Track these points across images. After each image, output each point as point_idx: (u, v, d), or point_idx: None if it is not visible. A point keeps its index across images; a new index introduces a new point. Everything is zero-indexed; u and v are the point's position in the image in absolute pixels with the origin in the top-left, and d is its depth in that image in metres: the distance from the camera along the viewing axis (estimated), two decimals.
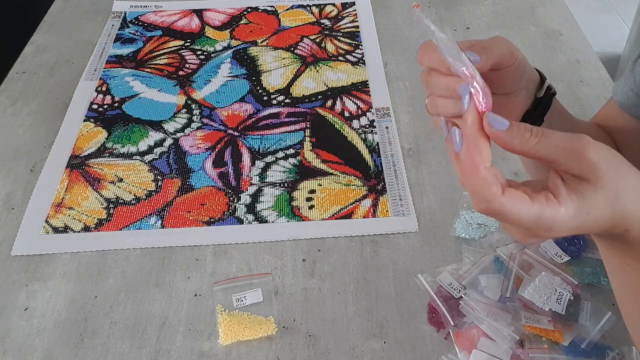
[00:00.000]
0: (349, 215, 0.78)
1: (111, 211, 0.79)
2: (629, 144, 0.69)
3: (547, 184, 0.42)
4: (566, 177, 0.41)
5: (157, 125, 0.92)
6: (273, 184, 0.82)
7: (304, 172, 0.84)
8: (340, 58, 1.04)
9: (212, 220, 0.78)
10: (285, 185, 0.82)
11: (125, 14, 1.15)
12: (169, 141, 0.89)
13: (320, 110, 0.94)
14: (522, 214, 0.39)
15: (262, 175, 0.84)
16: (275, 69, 1.02)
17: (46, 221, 0.78)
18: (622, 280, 0.48)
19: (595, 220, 0.41)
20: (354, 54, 1.04)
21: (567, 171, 0.41)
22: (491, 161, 0.41)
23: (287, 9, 1.16)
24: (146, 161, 0.86)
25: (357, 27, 1.11)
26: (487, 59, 0.46)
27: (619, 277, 0.48)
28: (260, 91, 0.97)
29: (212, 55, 1.05)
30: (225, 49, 1.06)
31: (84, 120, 0.92)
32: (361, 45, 1.06)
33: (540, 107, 0.56)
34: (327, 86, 0.98)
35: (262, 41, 1.08)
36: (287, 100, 0.96)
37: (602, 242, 0.47)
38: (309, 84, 0.99)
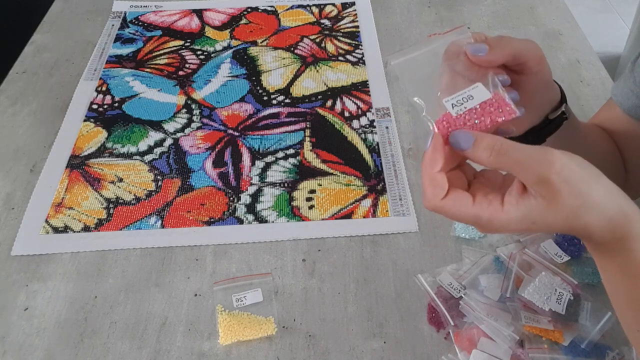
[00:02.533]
0: (349, 215, 0.78)
1: (111, 211, 0.79)
2: (628, 144, 0.69)
3: (506, 186, 0.45)
4: (527, 185, 0.43)
5: (157, 125, 0.92)
6: (273, 184, 0.82)
7: (304, 172, 0.84)
8: (340, 58, 1.04)
9: (212, 220, 0.78)
10: (285, 185, 0.82)
11: (125, 14, 1.15)
12: (169, 141, 0.89)
13: (320, 110, 0.94)
14: (461, 214, 0.44)
15: (262, 175, 0.84)
16: (275, 69, 1.02)
17: (46, 221, 0.78)
18: (611, 289, 0.49)
19: (546, 228, 0.44)
20: (354, 54, 1.04)
21: (527, 188, 0.43)
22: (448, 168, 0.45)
23: (287, 9, 1.16)
24: (146, 161, 0.86)
25: (357, 27, 1.11)
26: (500, 52, 0.48)
27: (608, 286, 0.49)
28: (260, 91, 0.97)
29: (212, 55, 1.05)
30: (225, 49, 1.06)
31: (84, 120, 0.92)
32: (361, 45, 1.06)
33: (546, 129, 0.57)
34: (327, 86, 0.98)
35: (262, 41, 1.08)
36: (287, 100, 0.96)
37: (586, 245, 0.48)
38: (309, 84, 0.99)
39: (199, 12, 1.15)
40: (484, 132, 0.45)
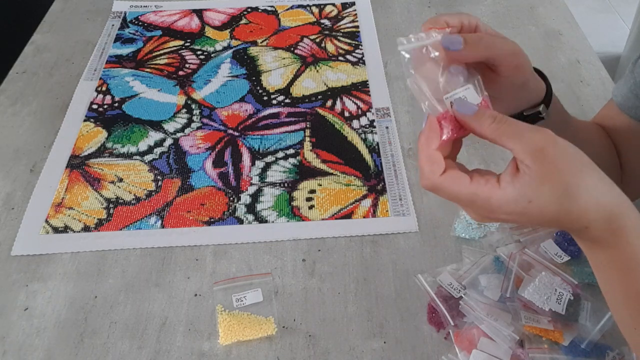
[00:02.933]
0: (349, 215, 0.78)
1: (111, 211, 0.79)
2: (628, 145, 0.69)
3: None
4: (521, 166, 0.43)
5: (157, 125, 0.92)
6: (273, 184, 0.82)
7: (304, 172, 0.84)
8: (340, 58, 1.04)
9: (212, 220, 0.78)
10: (285, 185, 0.82)
11: (125, 14, 1.15)
12: (169, 141, 0.89)
13: (320, 110, 0.94)
14: (459, 191, 0.44)
15: (262, 175, 0.84)
16: (275, 69, 1.02)
17: (46, 221, 0.78)
18: (606, 282, 0.48)
19: (541, 211, 0.43)
20: (354, 54, 1.04)
21: (522, 161, 0.43)
22: (447, 152, 0.46)
23: (287, 9, 1.16)
24: (146, 161, 0.86)
25: (357, 27, 1.11)
26: (474, 51, 0.49)
27: (601, 281, 0.49)
28: (260, 91, 0.97)
29: (212, 55, 1.05)
30: (225, 49, 1.06)
31: (84, 120, 0.92)
32: (361, 45, 1.06)
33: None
34: (327, 86, 0.98)
35: (262, 41, 1.08)
36: (287, 100, 0.96)
37: (580, 244, 0.48)
38: (309, 84, 0.99)
39: (199, 12, 1.15)
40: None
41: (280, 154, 0.87)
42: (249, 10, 1.16)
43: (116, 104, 0.95)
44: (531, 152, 0.42)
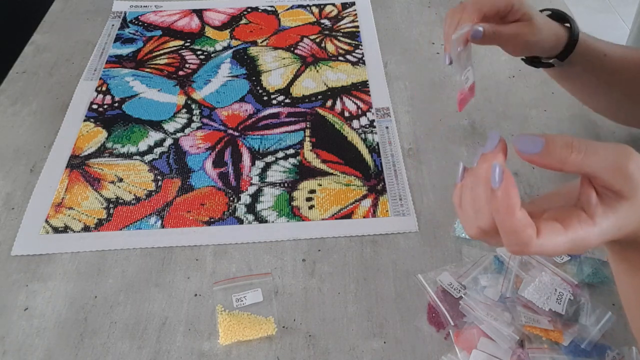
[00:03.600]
0: (349, 215, 0.78)
1: (111, 211, 0.79)
2: None
3: (580, 198, 0.40)
4: (602, 190, 0.39)
5: (157, 125, 0.92)
6: (273, 184, 0.82)
7: (304, 172, 0.84)
8: (340, 58, 1.04)
9: (212, 220, 0.78)
10: (285, 185, 0.82)
11: (125, 14, 1.15)
12: (169, 141, 0.89)
13: (320, 110, 0.94)
14: (559, 246, 0.38)
15: (262, 175, 0.84)
16: (275, 69, 1.02)
17: (46, 221, 0.78)
18: (629, 284, 0.47)
19: (623, 234, 0.40)
20: (354, 54, 1.04)
21: (608, 187, 0.39)
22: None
23: (287, 9, 1.16)
24: (146, 161, 0.86)
25: (357, 27, 1.11)
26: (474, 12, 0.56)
27: (627, 281, 0.47)
28: (260, 91, 0.97)
29: (212, 55, 1.05)
30: (225, 49, 1.06)
31: (84, 120, 0.92)
32: (361, 45, 1.06)
33: (537, 63, 0.65)
34: (327, 86, 0.98)
35: (262, 41, 1.08)
36: (287, 100, 0.96)
37: (614, 246, 0.45)
38: (309, 84, 0.99)
39: (199, 12, 1.15)
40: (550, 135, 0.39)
41: (280, 154, 0.87)
42: (249, 10, 1.16)
43: (116, 104, 0.95)
44: (612, 175, 0.38)
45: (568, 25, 0.67)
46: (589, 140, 0.39)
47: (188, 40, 1.08)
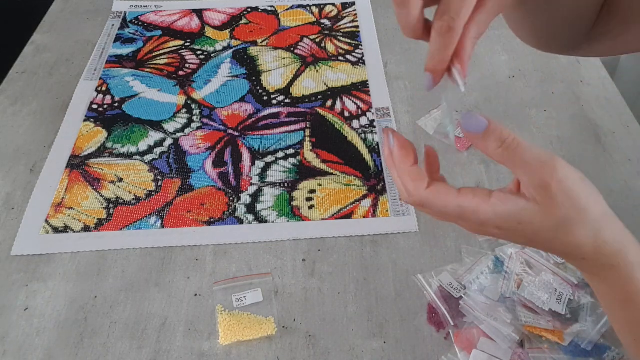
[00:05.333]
0: (349, 215, 0.78)
1: (111, 211, 0.79)
2: None
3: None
4: (524, 191, 0.42)
5: (157, 125, 0.92)
6: (273, 184, 0.82)
7: (304, 172, 0.84)
8: (340, 58, 1.04)
9: (212, 220, 0.78)
10: (285, 185, 0.82)
11: (125, 14, 1.15)
12: (169, 141, 0.89)
13: (320, 110, 0.94)
14: (446, 205, 0.42)
15: (262, 175, 0.84)
16: (275, 69, 1.02)
17: (46, 221, 0.78)
18: (606, 309, 0.48)
19: (534, 235, 0.42)
20: (354, 54, 1.04)
21: (526, 189, 0.42)
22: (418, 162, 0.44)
23: (287, 9, 1.16)
24: (146, 161, 0.86)
25: (357, 27, 1.11)
26: None
27: (603, 305, 0.48)
28: (260, 91, 0.97)
29: (212, 55, 1.05)
30: (225, 49, 1.06)
31: (84, 120, 0.92)
32: (361, 45, 1.06)
33: None
34: (327, 86, 0.98)
35: (262, 41, 1.08)
36: (287, 100, 0.96)
37: (579, 268, 0.47)
38: (309, 84, 0.99)
39: (199, 12, 1.15)
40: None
41: (280, 154, 0.87)
42: (249, 10, 1.16)
43: (116, 104, 0.95)
44: (536, 185, 0.41)
45: None
46: (525, 143, 0.41)
47: (188, 40, 1.08)
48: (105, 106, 0.95)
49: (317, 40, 1.08)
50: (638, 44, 0.59)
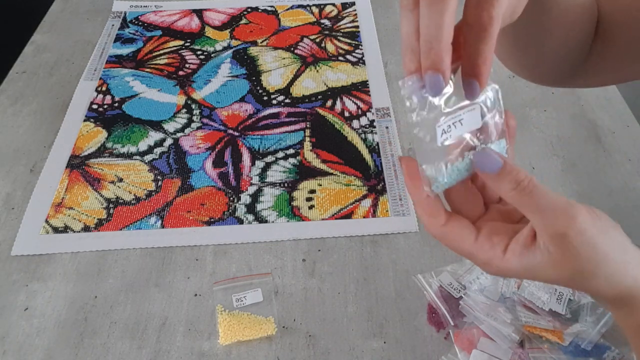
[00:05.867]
0: (349, 215, 0.78)
1: (111, 211, 0.79)
2: (620, 26, 0.57)
3: (517, 230, 0.40)
4: (538, 239, 0.39)
5: (157, 125, 0.92)
6: (273, 184, 0.82)
7: (304, 172, 0.84)
8: (340, 58, 1.04)
9: (212, 220, 0.78)
10: (285, 185, 0.82)
11: (125, 14, 1.15)
12: (169, 141, 0.89)
13: (320, 110, 0.94)
14: (459, 247, 0.41)
15: (262, 175, 0.84)
16: (275, 69, 1.02)
17: (46, 221, 0.78)
18: (632, 341, 0.45)
19: (546, 282, 0.41)
20: (354, 54, 1.04)
21: (540, 237, 0.39)
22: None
23: (287, 9, 1.16)
24: (146, 161, 0.86)
25: (357, 27, 1.11)
26: None
27: (628, 337, 0.45)
28: (260, 91, 0.97)
29: (212, 55, 1.05)
30: (225, 49, 1.06)
31: (84, 120, 0.92)
32: (361, 45, 1.06)
33: None
34: (327, 86, 0.98)
35: (262, 41, 1.08)
36: (287, 100, 0.96)
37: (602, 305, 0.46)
38: (309, 84, 0.99)
39: (199, 12, 1.15)
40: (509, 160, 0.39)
41: (280, 154, 0.87)
42: (249, 10, 1.16)
43: (116, 104, 0.95)
44: (551, 234, 0.38)
45: None
46: (543, 188, 0.38)
47: (188, 40, 1.08)
48: (105, 106, 0.95)
49: (317, 40, 1.08)
50: (635, 75, 0.57)
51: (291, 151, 0.87)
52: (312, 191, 0.81)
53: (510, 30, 0.52)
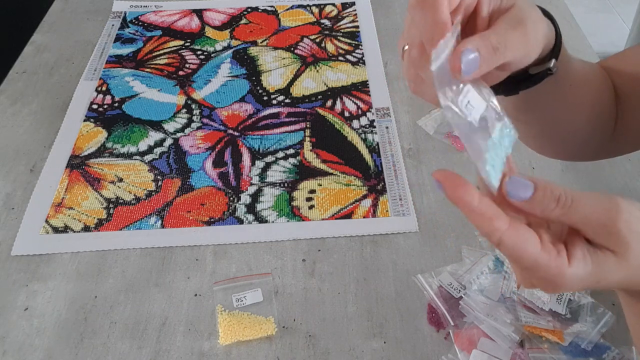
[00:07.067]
0: (349, 215, 0.78)
1: (111, 211, 0.79)
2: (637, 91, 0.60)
3: (566, 235, 0.39)
4: (595, 243, 0.38)
5: (157, 125, 0.92)
6: (273, 184, 0.82)
7: (304, 172, 0.84)
8: (340, 58, 1.04)
9: (212, 220, 0.78)
10: (285, 185, 0.82)
11: (125, 14, 1.15)
12: (169, 141, 0.89)
13: (320, 110, 0.94)
14: (523, 255, 0.37)
15: (262, 175, 0.84)
16: (275, 69, 1.02)
17: (46, 221, 0.78)
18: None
19: (606, 286, 0.39)
20: (354, 54, 1.04)
21: (593, 241, 0.38)
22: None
23: (287, 9, 1.16)
24: (146, 161, 0.86)
25: (357, 27, 1.11)
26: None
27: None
28: (260, 91, 0.97)
29: (212, 55, 1.05)
30: (225, 49, 1.06)
31: (84, 120, 0.92)
32: (361, 45, 1.06)
33: (522, 84, 0.48)
34: (327, 86, 0.98)
35: (262, 41, 1.08)
36: (287, 100, 0.96)
37: (623, 298, 0.44)
38: (309, 84, 0.99)
39: (199, 12, 1.15)
40: (538, 178, 0.38)
41: (280, 154, 0.87)
42: (249, 10, 1.16)
43: (116, 104, 0.95)
44: (605, 236, 0.37)
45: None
46: (577, 193, 0.37)
47: (188, 40, 1.08)
48: (105, 106, 0.95)
49: (317, 40, 1.08)
50: None
51: (291, 151, 0.87)
52: (312, 191, 0.81)
53: (535, 117, 0.54)
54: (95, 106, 0.95)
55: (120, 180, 0.83)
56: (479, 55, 0.37)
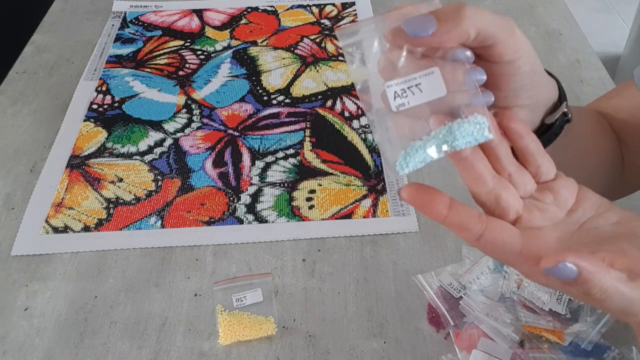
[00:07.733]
0: (349, 215, 0.78)
1: (111, 211, 0.79)
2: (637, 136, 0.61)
3: None
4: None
5: (157, 125, 0.92)
6: (273, 184, 0.82)
7: (304, 172, 0.84)
8: (341, 58, 1.04)
9: (212, 220, 0.78)
10: (285, 185, 0.82)
11: (125, 14, 1.15)
12: (169, 141, 0.89)
13: (320, 110, 0.94)
14: (620, 296, 0.36)
15: (262, 175, 0.84)
16: (275, 69, 1.02)
17: (46, 221, 0.78)
18: None
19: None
20: None
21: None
22: None
23: (287, 9, 1.16)
24: (146, 161, 0.86)
25: None
26: (455, 28, 0.36)
27: None
28: (260, 91, 0.97)
29: (212, 55, 1.05)
30: (225, 49, 1.06)
31: (84, 120, 0.92)
32: None
33: (543, 137, 0.45)
34: (327, 86, 0.98)
35: (262, 41, 1.08)
36: (287, 100, 0.96)
37: None
38: (309, 84, 0.99)
39: (199, 12, 1.15)
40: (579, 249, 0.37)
41: (280, 154, 0.87)
42: (249, 10, 1.16)
43: (116, 104, 0.95)
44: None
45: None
46: (618, 255, 0.38)
47: (188, 40, 1.08)
48: (105, 106, 0.95)
49: (317, 40, 1.08)
50: None
51: (291, 151, 0.87)
52: (312, 191, 0.81)
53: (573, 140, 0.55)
54: (95, 106, 0.95)
55: (120, 180, 0.83)
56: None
